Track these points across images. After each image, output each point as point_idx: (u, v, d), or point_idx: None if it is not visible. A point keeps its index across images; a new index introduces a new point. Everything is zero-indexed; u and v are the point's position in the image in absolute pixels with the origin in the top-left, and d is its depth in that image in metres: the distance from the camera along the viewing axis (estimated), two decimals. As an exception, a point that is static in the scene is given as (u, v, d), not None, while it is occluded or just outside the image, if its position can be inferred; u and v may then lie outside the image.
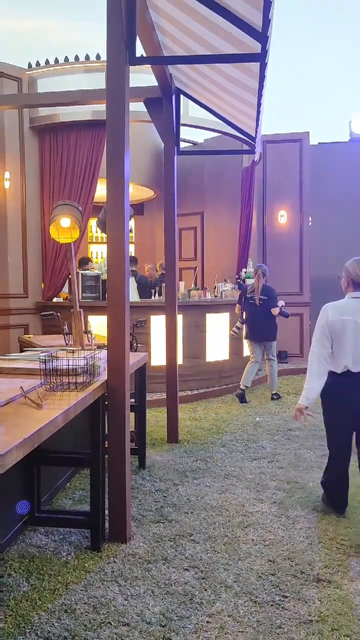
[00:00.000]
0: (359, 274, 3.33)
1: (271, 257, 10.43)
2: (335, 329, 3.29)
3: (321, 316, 3.39)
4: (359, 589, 2.63)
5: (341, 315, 3.30)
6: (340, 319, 3.29)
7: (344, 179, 11.04)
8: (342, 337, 3.28)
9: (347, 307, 3.32)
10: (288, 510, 3.58)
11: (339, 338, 3.29)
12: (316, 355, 3.36)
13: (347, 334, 3.26)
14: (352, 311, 3.28)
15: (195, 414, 6.35)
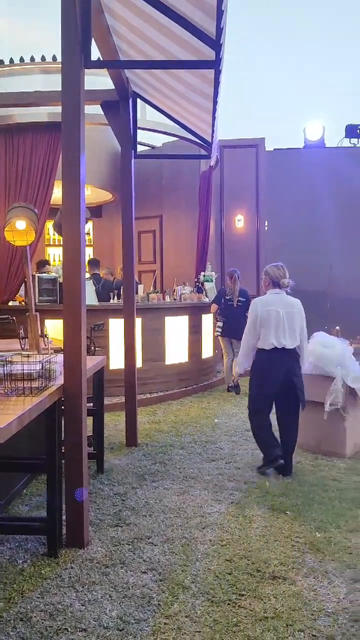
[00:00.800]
0: (277, 276, 4.41)
1: (229, 260, 10.55)
2: (264, 317, 4.31)
3: (252, 310, 4.41)
4: (312, 585, 2.70)
5: (267, 307, 4.34)
6: (266, 309, 4.33)
7: (299, 184, 11.29)
8: (268, 322, 4.29)
9: (270, 300, 4.40)
10: (245, 510, 3.63)
11: (266, 324, 4.30)
12: (247, 341, 4.47)
13: (271, 320, 4.29)
14: (274, 303, 4.35)
15: (154, 417, 6.36)
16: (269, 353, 4.29)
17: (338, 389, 4.71)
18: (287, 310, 4.32)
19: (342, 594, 2.62)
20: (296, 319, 4.34)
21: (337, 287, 11.19)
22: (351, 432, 4.85)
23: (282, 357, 4.27)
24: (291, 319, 4.32)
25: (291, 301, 4.43)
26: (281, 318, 4.26)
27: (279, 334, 4.26)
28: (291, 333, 4.29)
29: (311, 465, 4.61)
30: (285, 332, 4.27)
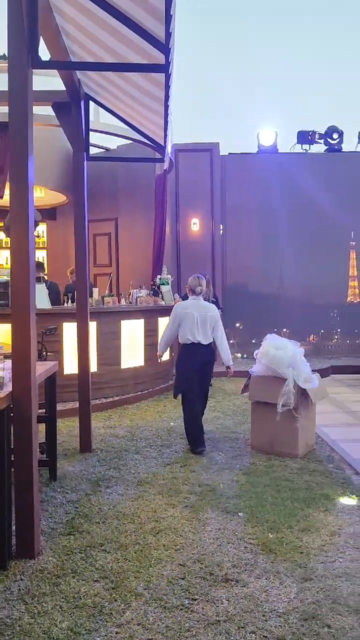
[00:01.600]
0: (195, 285, 5.30)
1: (185, 264, 10.61)
2: (182, 318, 5.23)
3: (174, 311, 5.34)
4: (264, 586, 2.73)
5: (185, 310, 5.25)
6: (184, 311, 5.24)
7: (253, 189, 11.46)
8: (185, 322, 5.21)
9: (188, 304, 5.31)
10: (199, 513, 3.64)
11: (184, 323, 5.22)
12: (166, 334, 5.45)
13: (188, 320, 5.20)
14: (191, 307, 5.26)
15: (110, 422, 6.29)
16: (187, 346, 5.27)
17: (290, 389, 4.79)
18: (200, 313, 5.23)
19: (293, 594, 2.66)
20: (208, 321, 5.25)
21: (287, 290, 11.42)
22: (303, 432, 4.94)
23: (197, 349, 5.22)
24: (204, 320, 5.23)
25: (206, 305, 5.36)
26: (195, 319, 5.19)
27: (194, 332, 5.20)
28: (204, 331, 5.22)
29: (265, 466, 4.66)
30: (198, 330, 5.20)
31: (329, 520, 3.53)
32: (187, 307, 5.26)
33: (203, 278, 5.36)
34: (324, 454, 5.08)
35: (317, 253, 11.37)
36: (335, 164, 11.53)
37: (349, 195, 11.41)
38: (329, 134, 11.74)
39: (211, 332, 5.25)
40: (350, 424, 6.30)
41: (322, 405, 6.87)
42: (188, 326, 5.19)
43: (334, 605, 2.56)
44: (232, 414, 6.70)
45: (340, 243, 11.43)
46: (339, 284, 11.49)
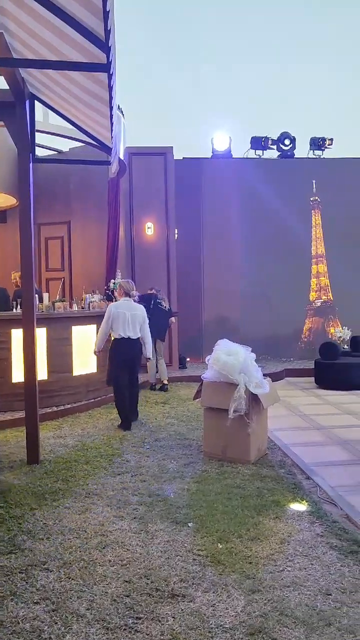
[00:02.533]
0: (128, 289, 6.39)
1: (140, 268, 10.50)
2: (115, 317, 6.13)
3: (108, 310, 6.20)
4: (211, 600, 2.66)
5: (118, 309, 6.16)
6: (117, 311, 6.15)
7: (208, 193, 11.48)
8: (118, 320, 6.13)
9: (121, 305, 6.24)
10: (148, 525, 3.54)
11: (117, 321, 6.13)
12: (102, 330, 6.26)
13: (120, 319, 6.13)
14: (123, 307, 6.20)
15: (60, 431, 6.12)
16: (119, 340, 6.17)
17: (241, 395, 4.76)
18: (131, 313, 6.21)
19: (240, 607, 2.60)
20: (137, 319, 6.25)
21: (245, 293, 11.48)
22: (255, 437, 4.92)
23: (128, 343, 6.18)
24: (134, 318, 6.21)
25: (136, 306, 6.40)
26: (127, 318, 6.15)
27: (125, 328, 6.14)
28: (133, 328, 6.21)
29: (217, 473, 4.61)
30: (129, 327, 6.16)
31: (279, 528, 3.50)
32: (120, 307, 6.21)
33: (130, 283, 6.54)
34: (276, 459, 5.08)
35: (273, 256, 11.49)
36: (287, 170, 11.70)
37: (301, 200, 11.60)
38: (282, 140, 11.90)
39: (139, 329, 6.26)
40: (302, 428, 6.34)
41: (275, 409, 6.91)
42: (120, 323, 6.13)
43: (282, 617, 2.51)
44: (187, 420, 6.64)
45: (296, 246, 11.58)
46: (297, 285, 11.63)
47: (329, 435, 5.93)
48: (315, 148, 12.07)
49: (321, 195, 11.67)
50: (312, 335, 11.67)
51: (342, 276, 11.55)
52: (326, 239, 11.67)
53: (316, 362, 9.39)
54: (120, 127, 9.02)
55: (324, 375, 9.11)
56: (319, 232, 11.69)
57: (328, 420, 6.67)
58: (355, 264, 11.51)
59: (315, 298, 11.74)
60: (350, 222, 11.55)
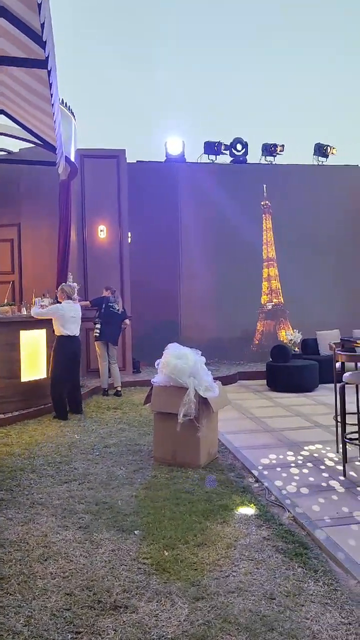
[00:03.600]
0: (70, 292, 7.19)
1: (92, 271, 10.35)
2: (59, 316, 6.89)
3: (56, 308, 7.02)
4: (154, 610, 2.60)
5: (61, 311, 6.92)
6: (61, 311, 6.91)
7: (162, 197, 11.46)
8: (63, 318, 6.90)
9: (65, 307, 6.99)
10: (93, 535, 3.45)
11: (62, 319, 6.89)
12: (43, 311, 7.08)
13: (65, 318, 6.90)
14: (66, 309, 6.97)
15: (7, 439, 5.92)
16: (62, 337, 6.91)
17: (191, 399, 4.73)
18: (72, 314, 6.98)
19: (184, 616, 2.55)
20: (77, 318, 7.09)
21: (198, 298, 11.51)
22: (205, 441, 4.90)
23: (70, 340, 6.96)
24: (76, 318, 7.03)
25: (76, 307, 7.15)
26: (69, 317, 6.93)
27: (68, 326, 6.90)
28: (75, 327, 7.01)
29: (166, 479, 4.56)
30: (71, 325, 6.94)
31: (226, 532, 3.48)
32: (65, 309, 6.96)
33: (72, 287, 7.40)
34: (226, 462, 5.08)
35: (226, 259, 11.56)
36: (239, 175, 11.81)
37: (253, 205, 11.74)
38: (234, 145, 12.02)
39: (79, 328, 7.14)
40: (253, 430, 6.38)
41: (227, 412, 6.93)
42: (64, 322, 6.88)
43: (225, 624, 2.48)
44: (138, 425, 6.56)
45: (248, 249, 11.69)
46: (249, 288, 11.73)
47: (278, 437, 5.98)
48: (267, 154, 12.23)
49: (272, 200, 11.85)
50: (264, 338, 11.80)
51: (292, 279, 11.74)
52: (277, 242, 11.84)
53: (268, 364, 9.49)
54: (70, 128, 8.87)
55: (275, 377, 9.22)
56: (269, 236, 11.86)
57: (278, 422, 6.73)
58: (305, 268, 11.73)
59: (267, 301, 11.89)
60: (299, 227, 11.77)
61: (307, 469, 4.87)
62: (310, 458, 5.18)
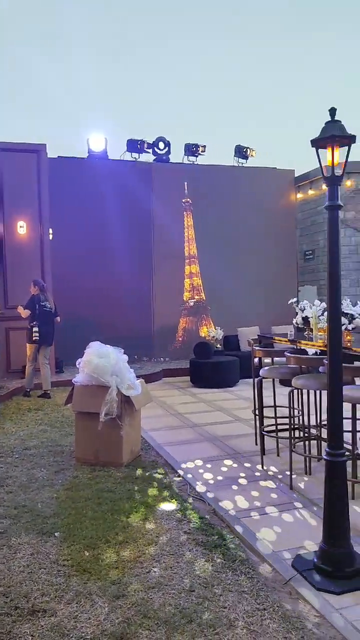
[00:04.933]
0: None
1: (12, 268, 10.01)
2: None
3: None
4: (73, 612, 2.57)
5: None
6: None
7: (84, 194, 11.29)
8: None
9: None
10: (11, 539, 3.36)
11: None
12: None
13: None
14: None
15: None
16: None
17: (113, 398, 4.72)
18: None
19: (103, 615, 2.54)
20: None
21: (121, 296, 11.46)
22: (127, 439, 4.90)
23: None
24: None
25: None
26: None
27: None
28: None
29: (88, 479, 4.51)
30: None
31: (148, 529, 3.50)
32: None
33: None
34: (149, 459, 5.10)
35: (149, 257, 11.59)
36: (162, 173, 11.88)
37: (175, 203, 11.85)
38: (157, 143, 12.06)
39: None
40: (176, 427, 6.45)
41: (151, 410, 6.97)
42: None
43: (144, 620, 2.50)
44: (60, 425, 6.44)
45: (171, 246, 11.78)
46: (172, 285, 11.82)
47: (200, 433, 6.09)
48: (189, 154, 12.38)
49: (194, 199, 12.01)
50: (187, 334, 11.96)
51: (214, 277, 11.96)
52: (199, 240, 12.02)
53: (191, 361, 9.63)
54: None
55: (198, 374, 9.37)
56: (191, 234, 12.02)
57: (201, 417, 6.85)
58: (226, 265, 11.99)
59: (189, 298, 12.05)
60: (220, 225, 12.02)
61: (227, 462, 5.00)
62: (230, 451, 5.32)
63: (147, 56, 22.46)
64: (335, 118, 2.97)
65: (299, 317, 5.37)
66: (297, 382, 4.38)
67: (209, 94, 22.59)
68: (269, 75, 23.40)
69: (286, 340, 5.28)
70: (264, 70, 23.43)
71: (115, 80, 21.99)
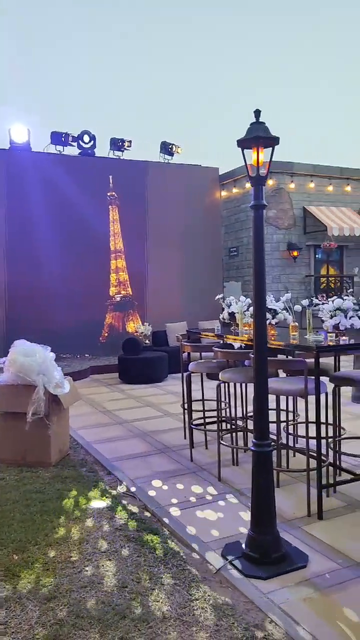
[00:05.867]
0: None
1: None
2: None
3: None
4: (3, 618, 2.50)
5: None
6: None
7: (6, 185, 10.90)
8: None
9: None
10: None
11: None
12: None
13: None
14: None
15: None
16: None
17: (40, 397, 4.61)
18: None
19: (35, 619, 2.50)
20: None
21: (48, 289, 11.20)
22: (55, 439, 4.81)
23: None
24: None
25: None
26: None
27: None
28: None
29: (15, 480, 4.39)
30: None
31: (79, 528, 3.47)
32: None
33: None
34: (78, 458, 5.04)
35: (75, 251, 11.37)
36: (87, 167, 11.70)
37: (101, 198, 11.72)
38: (81, 137, 11.86)
39: None
40: (105, 424, 6.41)
41: (79, 407, 6.88)
42: None
43: (77, 620, 2.48)
44: None
45: (97, 241, 11.63)
46: (98, 280, 11.67)
47: (130, 429, 6.09)
48: (115, 148, 12.26)
49: (120, 194, 11.92)
50: (114, 330, 11.88)
51: (140, 271, 11.96)
52: (124, 234, 11.95)
53: (119, 357, 9.59)
54: None
55: (127, 370, 9.35)
56: (117, 228, 11.93)
57: (130, 414, 6.85)
58: (154, 261, 12.02)
59: (115, 293, 11.97)
60: (147, 221, 12.02)
61: (157, 457, 5.04)
62: (160, 446, 5.36)
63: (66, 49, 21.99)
64: (260, 120, 3.06)
65: (226, 312, 5.49)
66: (224, 376, 4.49)
67: (135, 89, 22.47)
68: (194, 74, 23.64)
69: (213, 335, 5.38)
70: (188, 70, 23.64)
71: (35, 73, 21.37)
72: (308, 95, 26.37)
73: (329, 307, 4.05)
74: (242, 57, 23.64)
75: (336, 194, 13.69)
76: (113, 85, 22.15)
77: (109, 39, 22.59)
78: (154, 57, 22.84)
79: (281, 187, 13.10)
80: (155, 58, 22.87)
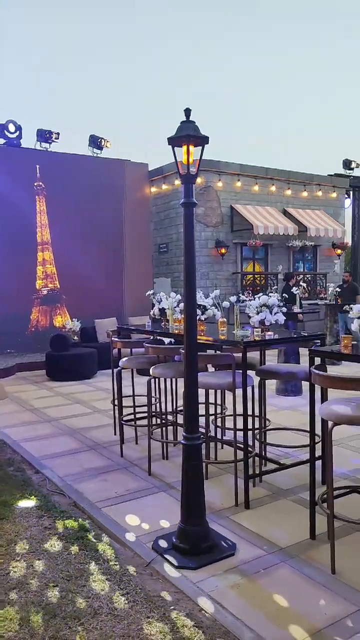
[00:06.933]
0: None
1: None
2: None
3: None
4: None
5: None
6: None
7: None
8: None
9: None
10: None
11: None
12: None
13: None
14: None
15: None
16: None
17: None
18: None
19: None
20: None
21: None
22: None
23: None
24: None
25: None
26: None
27: None
28: None
29: None
30: None
31: (7, 529, 3.38)
32: None
33: None
34: (4, 457, 4.90)
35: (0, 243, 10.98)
36: (13, 158, 11.31)
37: (27, 190, 11.38)
38: (6, 126, 11.46)
39: None
40: (33, 422, 6.26)
41: (5, 406, 6.69)
42: None
43: (6, 623, 2.43)
44: None
45: (23, 232, 11.28)
46: (24, 273, 11.32)
47: (58, 427, 5.99)
48: (42, 140, 11.93)
49: (47, 186, 11.60)
50: (41, 325, 11.60)
51: (69, 265, 11.70)
52: (52, 226, 11.66)
53: (47, 354, 9.38)
54: None
55: (55, 367, 9.17)
56: (44, 219, 11.63)
57: (58, 411, 6.73)
58: (83, 255, 11.81)
59: (42, 286, 11.67)
60: (76, 214, 11.77)
61: (87, 454, 5.00)
62: (90, 443, 5.32)
63: None
64: (190, 118, 3.10)
65: (156, 308, 5.53)
66: (155, 371, 4.52)
67: (64, 80, 21.96)
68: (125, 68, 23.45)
69: (144, 331, 5.41)
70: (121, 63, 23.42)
71: None
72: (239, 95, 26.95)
73: (255, 304, 4.19)
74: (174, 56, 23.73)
75: (261, 194, 14.09)
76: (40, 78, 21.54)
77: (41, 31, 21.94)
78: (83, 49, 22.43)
79: (209, 185, 13.30)
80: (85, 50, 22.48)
